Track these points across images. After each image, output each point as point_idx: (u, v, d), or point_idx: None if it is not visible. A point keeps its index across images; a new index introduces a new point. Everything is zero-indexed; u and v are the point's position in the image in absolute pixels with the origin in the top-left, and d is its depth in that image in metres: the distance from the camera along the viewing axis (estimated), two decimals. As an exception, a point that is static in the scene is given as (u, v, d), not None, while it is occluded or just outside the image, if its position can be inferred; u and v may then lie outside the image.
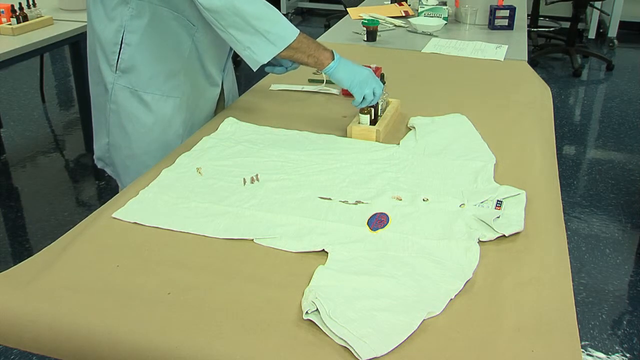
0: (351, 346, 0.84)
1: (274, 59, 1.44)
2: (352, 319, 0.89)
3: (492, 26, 2.57)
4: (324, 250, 1.06)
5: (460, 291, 0.97)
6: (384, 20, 2.63)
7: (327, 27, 5.68)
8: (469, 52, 2.23)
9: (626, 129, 3.76)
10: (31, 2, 2.78)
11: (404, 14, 2.74)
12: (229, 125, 1.53)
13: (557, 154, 2.00)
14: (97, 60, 1.49)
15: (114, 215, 1.16)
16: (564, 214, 2.30)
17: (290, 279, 0.99)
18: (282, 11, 6.17)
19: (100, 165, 1.66)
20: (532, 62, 4.76)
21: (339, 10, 6.01)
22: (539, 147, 1.47)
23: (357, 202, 1.21)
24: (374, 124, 1.50)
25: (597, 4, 5.19)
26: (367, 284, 0.97)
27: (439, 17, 2.61)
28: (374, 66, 1.82)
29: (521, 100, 1.76)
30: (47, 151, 3.44)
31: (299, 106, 1.71)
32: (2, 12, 2.64)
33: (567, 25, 5.04)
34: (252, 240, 1.09)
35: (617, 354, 2.05)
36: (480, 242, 1.08)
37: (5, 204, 2.92)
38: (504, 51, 2.23)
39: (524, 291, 0.97)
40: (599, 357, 2.04)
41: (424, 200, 1.21)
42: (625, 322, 2.19)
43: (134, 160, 1.55)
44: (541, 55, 5.03)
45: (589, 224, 2.79)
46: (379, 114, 1.54)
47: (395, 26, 2.61)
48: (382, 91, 1.48)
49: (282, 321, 0.90)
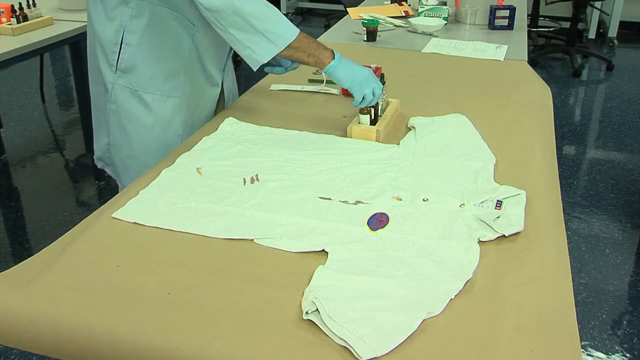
0: (351, 346, 0.84)
1: (273, 59, 1.44)
2: (352, 319, 0.89)
3: (492, 26, 2.57)
4: (324, 250, 1.06)
5: (460, 291, 0.97)
6: (384, 20, 2.64)
7: (327, 27, 5.68)
8: (469, 52, 2.23)
9: (626, 129, 3.76)
10: (31, 2, 2.78)
11: (404, 14, 2.74)
12: (229, 125, 1.54)
13: (557, 154, 2.00)
14: (97, 60, 1.49)
15: (114, 215, 1.16)
16: (564, 214, 2.30)
17: (290, 279, 0.99)
18: (282, 11, 6.17)
19: (100, 165, 1.66)
20: (532, 62, 4.76)
21: (339, 10, 6.01)
22: (539, 147, 1.47)
23: (357, 202, 1.21)
24: (374, 124, 1.50)
25: (597, 4, 5.19)
26: (367, 284, 0.97)
27: (439, 17, 2.61)
28: (374, 66, 1.82)
29: (521, 100, 1.76)
30: (47, 151, 3.44)
31: (299, 106, 1.71)
32: (2, 12, 2.64)
33: (567, 25, 5.04)
34: (252, 240, 1.09)
35: (617, 354, 2.05)
36: (480, 242, 1.08)
37: (5, 204, 2.92)
38: (504, 51, 2.23)
39: (524, 291, 0.97)
40: (599, 357, 2.04)
41: (424, 200, 1.21)
42: (625, 322, 2.19)
43: (134, 160, 1.55)
44: (541, 55, 5.03)
45: (589, 224, 2.79)
46: (379, 114, 1.54)
47: (395, 26, 2.61)
48: (381, 91, 1.48)
49: (282, 321, 0.90)
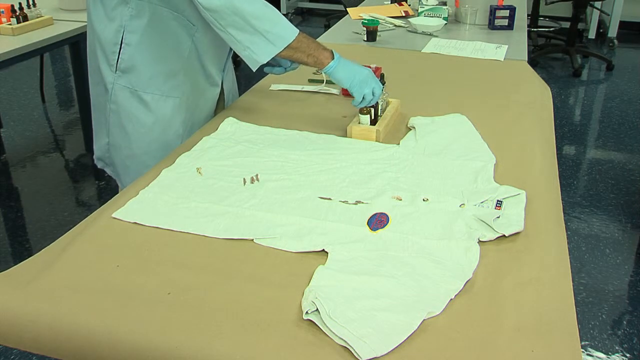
0: (351, 346, 0.84)
1: (273, 59, 1.44)
2: (352, 319, 0.89)
3: (492, 26, 2.57)
4: (324, 250, 1.06)
5: (460, 291, 0.97)
6: (384, 20, 2.63)
7: (327, 27, 5.68)
8: (469, 52, 2.23)
9: (626, 129, 3.76)
10: (31, 2, 2.78)
11: (404, 14, 2.74)
12: (229, 125, 1.54)
13: (557, 154, 2.00)
14: (97, 60, 1.49)
15: (114, 215, 1.16)
16: (564, 214, 2.30)
17: (290, 279, 0.99)
18: (282, 11, 6.17)
19: (100, 165, 1.66)
20: (532, 62, 4.76)
21: (339, 10, 6.01)
22: (539, 147, 1.47)
23: (357, 202, 1.21)
24: (374, 124, 1.50)
25: (597, 4, 5.19)
26: (367, 284, 0.97)
27: (439, 17, 2.61)
28: (374, 66, 1.82)
29: (521, 100, 1.76)
30: (47, 151, 3.44)
31: (299, 106, 1.71)
32: (2, 12, 2.64)
33: (567, 25, 5.04)
34: (252, 240, 1.09)
35: (617, 354, 2.05)
36: (480, 242, 1.08)
37: (5, 204, 2.92)
38: (504, 51, 2.23)
39: (524, 291, 0.97)
40: (599, 357, 2.04)
41: (424, 200, 1.21)
42: (625, 322, 2.19)
43: (134, 160, 1.55)
44: (541, 55, 5.03)
45: (589, 224, 2.79)
46: (379, 114, 1.54)
47: (395, 26, 2.61)
48: (381, 91, 1.48)
49: (282, 321, 0.90)
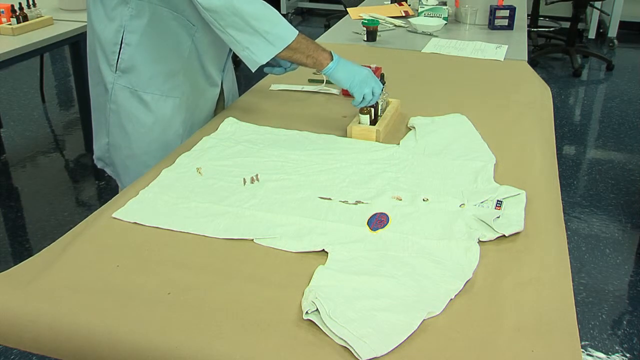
0: (351, 346, 0.84)
1: (273, 60, 1.44)
2: (352, 319, 0.89)
3: (492, 26, 2.57)
4: (324, 250, 1.06)
5: (460, 291, 0.97)
6: (384, 20, 2.63)
7: (327, 27, 5.68)
8: (469, 52, 2.23)
9: (626, 129, 3.76)
10: (31, 2, 2.78)
11: (404, 14, 2.74)
12: (229, 125, 1.54)
13: (557, 154, 2.00)
14: (97, 60, 1.49)
15: (114, 215, 1.16)
16: (564, 214, 2.30)
17: (290, 279, 0.99)
18: (282, 11, 6.17)
19: (100, 165, 1.66)
20: (532, 62, 4.76)
21: (339, 10, 6.01)
22: (539, 147, 1.47)
23: (357, 202, 1.21)
24: (374, 124, 1.50)
25: (597, 4, 5.19)
26: (367, 284, 0.97)
27: (439, 17, 2.61)
28: (374, 66, 1.82)
29: (521, 100, 1.76)
30: (47, 151, 3.44)
31: (299, 106, 1.71)
32: (2, 12, 2.64)
33: (567, 25, 5.04)
34: (252, 240, 1.09)
35: (617, 354, 2.05)
36: (480, 242, 1.08)
37: (5, 204, 2.92)
38: (504, 51, 2.23)
39: (524, 291, 0.97)
40: (599, 357, 2.04)
41: (424, 200, 1.21)
42: (625, 322, 2.19)
43: (134, 160, 1.55)
44: (541, 55, 5.03)
45: (589, 224, 2.79)
46: (379, 114, 1.54)
47: (395, 26, 2.61)
48: (381, 91, 1.48)
49: (282, 321, 0.90)
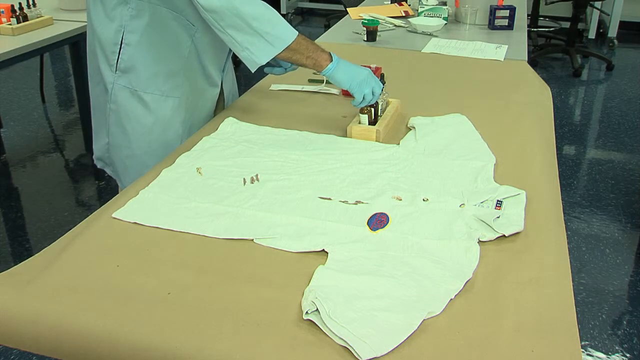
0: (351, 346, 0.84)
1: (273, 60, 1.44)
2: (352, 319, 0.89)
3: (492, 26, 2.57)
4: (324, 250, 1.06)
5: (460, 291, 0.97)
6: (384, 20, 2.63)
7: (327, 27, 5.68)
8: (469, 52, 2.23)
9: (626, 129, 3.76)
10: (31, 2, 2.78)
11: (404, 14, 2.74)
12: (229, 125, 1.54)
13: (557, 154, 2.00)
14: (97, 60, 1.49)
15: (114, 215, 1.16)
16: (564, 214, 2.30)
17: (290, 279, 0.99)
18: (282, 11, 6.17)
19: (100, 165, 1.66)
20: (532, 62, 4.76)
21: (339, 10, 6.01)
22: (539, 147, 1.47)
23: (357, 202, 1.21)
24: (374, 124, 1.50)
25: (597, 4, 5.19)
26: (367, 284, 0.97)
27: (439, 17, 2.61)
28: (374, 66, 1.82)
29: (521, 100, 1.76)
30: (47, 151, 3.44)
31: (299, 106, 1.71)
32: (2, 12, 2.64)
33: (567, 25, 5.04)
34: (252, 240, 1.09)
35: (617, 354, 2.05)
36: (480, 242, 1.08)
37: (5, 204, 2.92)
38: (504, 51, 2.23)
39: (524, 291, 0.97)
40: (599, 357, 2.04)
41: (424, 200, 1.21)
42: (625, 322, 2.19)
43: (134, 160, 1.55)
44: (541, 55, 5.03)
45: (589, 224, 2.79)
46: (379, 114, 1.54)
47: (395, 26, 2.61)
48: (381, 91, 1.48)
49: (282, 321, 0.90)
